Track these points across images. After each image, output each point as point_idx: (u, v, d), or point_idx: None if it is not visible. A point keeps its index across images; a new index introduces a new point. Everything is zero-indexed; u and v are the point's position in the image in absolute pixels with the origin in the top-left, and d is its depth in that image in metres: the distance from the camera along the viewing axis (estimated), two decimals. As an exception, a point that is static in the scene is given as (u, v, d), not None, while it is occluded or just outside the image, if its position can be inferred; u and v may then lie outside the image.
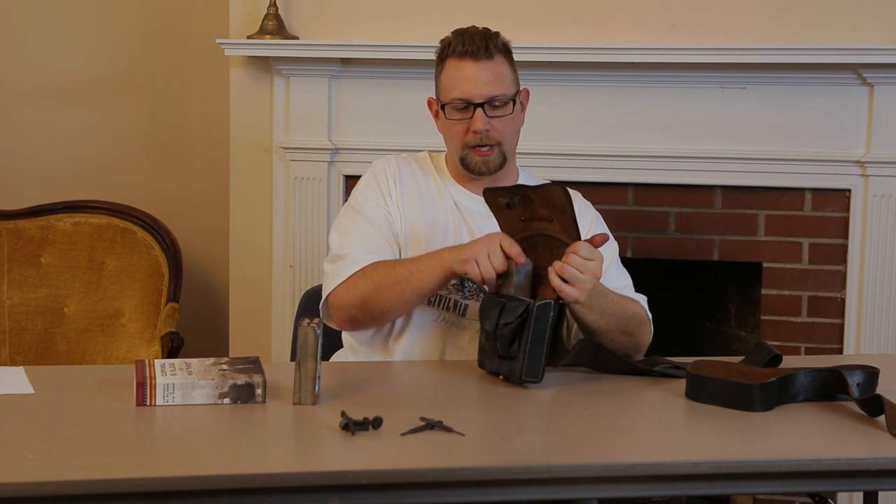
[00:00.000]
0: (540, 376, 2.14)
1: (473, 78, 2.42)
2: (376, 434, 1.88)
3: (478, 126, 2.41)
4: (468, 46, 2.42)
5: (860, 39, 3.38)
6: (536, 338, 2.13)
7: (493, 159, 2.45)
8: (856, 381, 2.08)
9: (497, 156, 2.45)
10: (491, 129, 2.42)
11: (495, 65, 2.43)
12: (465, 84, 2.42)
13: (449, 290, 2.45)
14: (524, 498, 1.80)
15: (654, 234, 3.57)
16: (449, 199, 2.52)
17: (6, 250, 3.77)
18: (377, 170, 2.54)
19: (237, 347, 3.73)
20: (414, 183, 2.52)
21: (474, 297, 2.45)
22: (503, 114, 2.44)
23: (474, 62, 2.42)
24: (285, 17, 3.59)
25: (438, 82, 2.49)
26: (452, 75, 2.44)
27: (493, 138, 2.43)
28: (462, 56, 2.42)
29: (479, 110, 2.41)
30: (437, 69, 2.50)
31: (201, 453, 1.85)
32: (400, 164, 2.55)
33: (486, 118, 2.41)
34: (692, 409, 2.08)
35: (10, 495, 1.64)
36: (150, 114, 4.11)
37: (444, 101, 2.45)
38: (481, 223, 2.46)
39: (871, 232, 3.44)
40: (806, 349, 3.53)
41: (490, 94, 2.42)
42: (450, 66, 2.45)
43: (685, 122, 3.49)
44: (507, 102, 2.44)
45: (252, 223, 3.70)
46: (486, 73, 2.42)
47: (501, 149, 2.45)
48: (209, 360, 2.13)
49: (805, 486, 1.99)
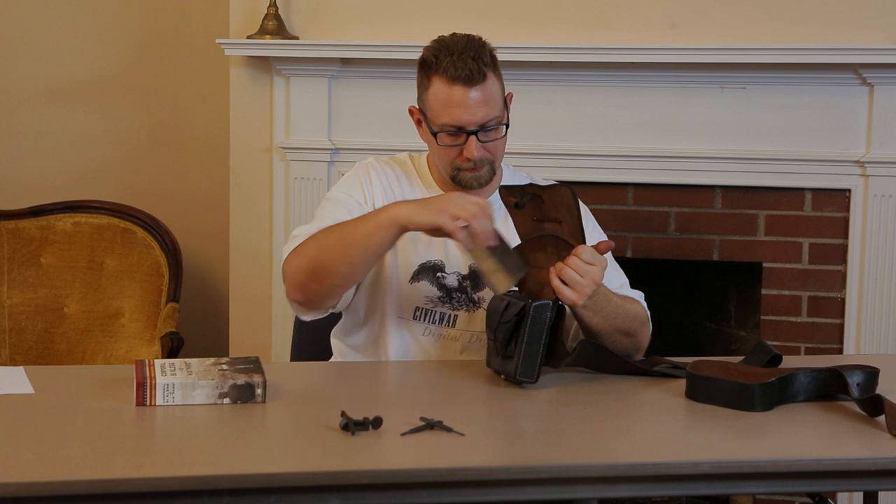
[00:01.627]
0: (535, 377, 2.13)
1: (466, 105, 2.33)
2: (376, 434, 1.88)
3: (472, 154, 2.35)
4: (460, 71, 2.32)
5: (860, 39, 3.38)
6: (532, 338, 2.12)
7: (484, 175, 2.40)
8: (856, 381, 2.08)
9: (488, 172, 2.40)
10: (484, 153, 2.37)
11: (486, 87, 2.34)
12: (457, 111, 2.33)
13: (434, 303, 2.42)
14: (524, 498, 1.80)
15: (654, 234, 3.57)
16: None
17: (6, 250, 3.77)
18: (361, 171, 2.48)
19: (237, 347, 3.73)
20: (398, 187, 2.47)
21: (465, 308, 2.43)
22: (496, 136, 2.38)
23: (466, 87, 2.33)
24: (285, 17, 3.59)
25: (425, 98, 2.40)
26: (443, 99, 2.35)
27: (487, 160, 2.38)
28: (453, 81, 2.33)
29: (473, 138, 2.34)
30: (421, 79, 2.41)
31: (201, 453, 1.85)
32: (386, 171, 2.49)
33: (479, 145, 2.35)
34: (692, 409, 2.08)
35: (10, 495, 1.64)
36: (150, 114, 4.11)
37: (436, 127, 2.37)
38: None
39: (871, 232, 3.45)
40: (806, 349, 3.53)
41: (483, 119, 2.34)
42: (439, 87, 2.35)
43: (685, 122, 3.49)
44: (499, 126, 2.38)
45: (252, 223, 3.70)
46: (478, 98, 2.33)
47: (492, 165, 2.41)
48: (209, 360, 2.13)
49: (805, 486, 1.99)
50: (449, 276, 2.43)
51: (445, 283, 2.43)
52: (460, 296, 2.43)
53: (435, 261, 2.43)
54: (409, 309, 2.42)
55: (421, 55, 2.41)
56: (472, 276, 2.43)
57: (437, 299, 2.42)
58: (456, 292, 2.43)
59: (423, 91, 2.41)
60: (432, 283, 2.43)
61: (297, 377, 2.34)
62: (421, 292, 2.42)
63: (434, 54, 2.37)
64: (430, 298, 2.42)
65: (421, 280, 2.43)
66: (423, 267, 2.43)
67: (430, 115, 2.39)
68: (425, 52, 2.40)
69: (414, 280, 2.43)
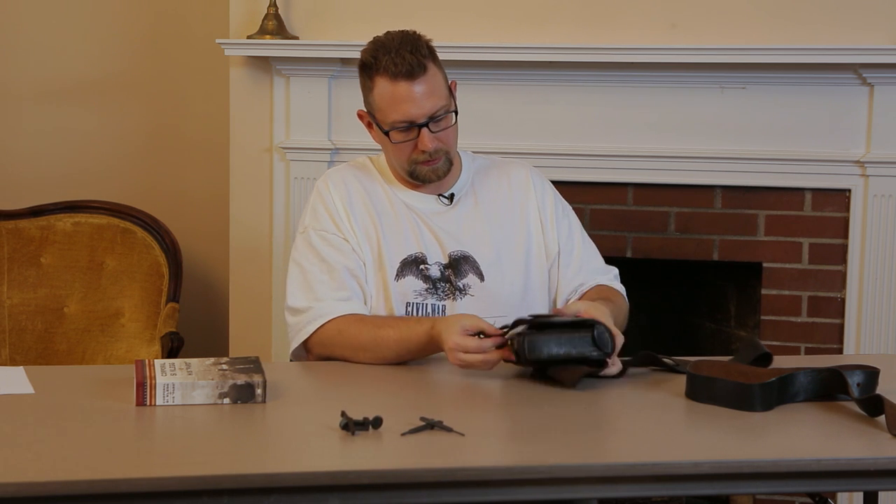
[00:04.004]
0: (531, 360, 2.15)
1: (411, 99, 2.36)
2: (376, 434, 1.88)
3: (427, 146, 2.39)
4: (400, 67, 2.36)
5: (860, 39, 3.38)
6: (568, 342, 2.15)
7: (441, 167, 2.44)
8: (856, 381, 2.08)
9: (444, 163, 2.44)
10: (437, 143, 2.41)
11: (429, 77, 2.38)
12: (405, 106, 2.37)
13: (423, 296, 2.44)
14: (524, 498, 1.81)
15: (654, 234, 3.57)
16: (401, 204, 2.49)
17: (6, 250, 3.77)
18: (325, 196, 2.49)
19: (237, 347, 3.73)
20: (363, 198, 2.49)
21: (451, 297, 2.44)
22: (446, 125, 2.41)
23: (409, 82, 2.36)
24: (285, 17, 3.59)
25: (371, 99, 2.43)
26: (388, 97, 2.38)
27: (441, 150, 2.42)
28: (395, 77, 2.36)
29: (425, 129, 2.38)
30: (364, 81, 2.44)
31: (201, 453, 1.85)
32: (346, 180, 2.51)
33: (432, 136, 2.39)
34: (692, 409, 2.08)
35: (10, 495, 1.64)
36: (150, 114, 4.11)
37: (386, 126, 2.40)
38: (437, 220, 2.47)
39: (871, 232, 3.44)
40: (806, 349, 3.53)
41: (431, 110, 2.38)
42: (382, 87, 2.39)
43: (685, 122, 3.49)
44: (448, 114, 2.42)
45: (252, 223, 3.70)
46: (422, 90, 2.37)
47: (448, 156, 2.44)
48: (209, 360, 2.13)
49: (805, 486, 1.99)
50: (431, 266, 2.46)
51: (430, 273, 2.45)
52: (444, 286, 2.45)
53: (416, 254, 2.45)
54: (401, 305, 2.44)
55: (359, 58, 2.45)
56: (454, 265, 2.45)
57: (424, 291, 2.44)
58: (440, 283, 2.45)
59: (367, 93, 2.45)
60: (417, 276, 2.45)
61: (297, 377, 2.34)
62: (408, 287, 2.44)
63: (372, 55, 2.41)
64: (419, 292, 2.44)
65: (406, 275, 2.45)
66: (405, 262, 2.45)
67: (378, 115, 2.43)
68: (363, 55, 2.44)
69: (399, 276, 2.44)
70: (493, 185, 2.56)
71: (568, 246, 2.54)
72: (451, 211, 2.51)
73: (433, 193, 2.51)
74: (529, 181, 2.58)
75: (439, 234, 2.47)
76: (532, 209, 2.55)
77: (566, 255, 2.53)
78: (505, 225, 2.52)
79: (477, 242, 2.48)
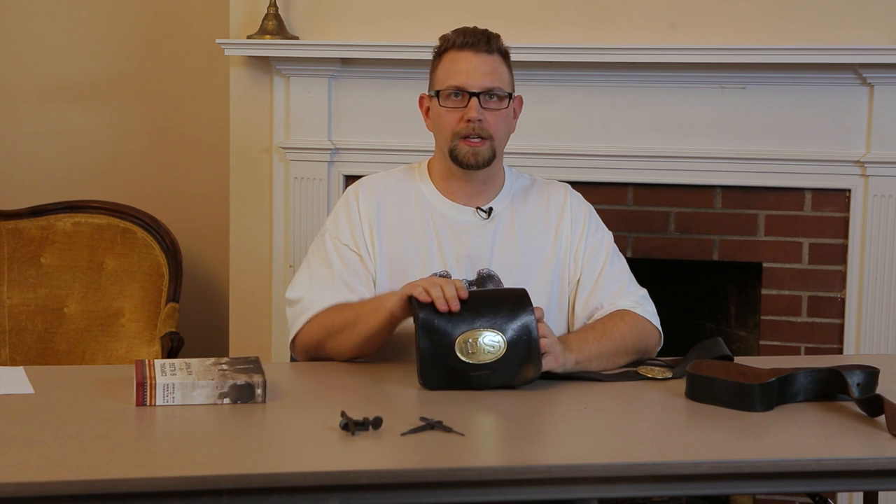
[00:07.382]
0: None
1: (471, 69, 2.40)
2: (376, 434, 1.88)
3: (472, 114, 2.37)
4: (469, 38, 2.41)
5: (860, 39, 3.38)
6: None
7: (482, 151, 2.40)
8: (856, 381, 2.08)
9: (487, 149, 2.40)
10: (484, 120, 2.39)
11: (494, 60, 2.42)
12: (462, 74, 2.39)
13: None
14: (524, 498, 1.81)
15: (654, 234, 3.57)
16: (435, 218, 2.46)
17: (6, 250, 3.77)
18: (351, 207, 2.48)
19: (237, 347, 3.73)
20: (392, 215, 2.46)
21: None
22: (498, 107, 2.41)
23: (474, 53, 2.40)
24: (285, 17, 3.59)
25: (434, 75, 2.46)
26: (450, 66, 2.42)
27: (486, 130, 2.39)
28: (462, 48, 2.41)
29: (475, 99, 2.38)
30: (433, 64, 2.47)
31: (201, 453, 1.85)
32: (378, 194, 2.48)
33: (480, 108, 2.38)
34: (692, 409, 2.08)
35: (10, 495, 1.64)
36: (150, 114, 4.11)
37: (440, 88, 2.42)
38: (471, 236, 2.45)
39: (871, 232, 3.44)
40: (806, 349, 3.52)
41: (487, 85, 2.39)
42: (447, 58, 2.43)
43: (685, 122, 3.49)
44: (503, 98, 2.42)
45: (252, 223, 3.70)
46: (484, 66, 2.40)
47: (492, 143, 2.41)
48: (209, 360, 2.13)
49: (805, 486, 1.99)
50: None
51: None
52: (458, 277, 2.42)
53: (441, 272, 2.43)
54: None
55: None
56: (480, 283, 2.43)
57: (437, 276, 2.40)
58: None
59: (433, 73, 2.47)
60: None
61: (297, 377, 2.35)
62: None
63: (448, 36, 2.46)
64: None
65: None
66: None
67: (437, 84, 2.44)
68: (440, 39, 2.47)
69: None
70: (531, 207, 2.52)
71: (590, 270, 2.48)
72: (487, 226, 2.47)
73: (471, 206, 2.47)
74: (567, 204, 2.53)
75: (470, 251, 2.44)
76: (565, 232, 2.50)
77: (587, 279, 2.48)
78: (537, 248, 2.48)
79: (506, 263, 2.45)
